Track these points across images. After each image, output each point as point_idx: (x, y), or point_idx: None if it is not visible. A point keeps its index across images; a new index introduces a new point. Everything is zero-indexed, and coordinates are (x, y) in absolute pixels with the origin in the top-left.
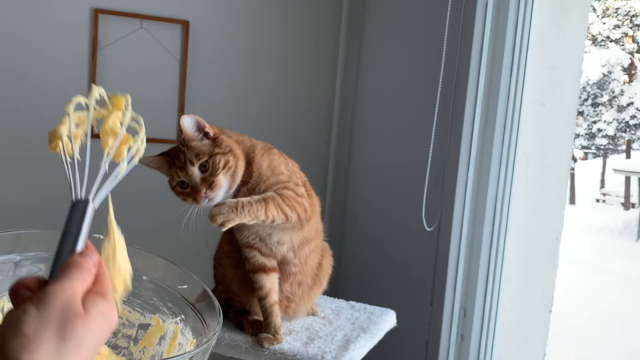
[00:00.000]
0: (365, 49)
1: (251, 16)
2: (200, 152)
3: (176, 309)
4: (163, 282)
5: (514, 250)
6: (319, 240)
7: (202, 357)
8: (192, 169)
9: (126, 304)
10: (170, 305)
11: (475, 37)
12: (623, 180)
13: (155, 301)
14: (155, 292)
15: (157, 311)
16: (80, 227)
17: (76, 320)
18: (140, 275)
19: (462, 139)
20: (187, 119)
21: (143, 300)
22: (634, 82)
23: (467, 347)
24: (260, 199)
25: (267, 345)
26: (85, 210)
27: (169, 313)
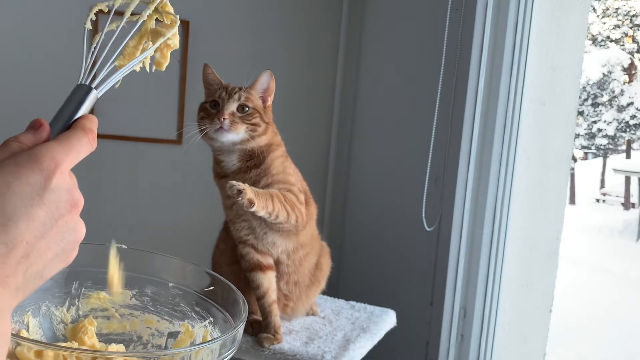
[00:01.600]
0: (365, 49)
1: (251, 16)
2: (251, 99)
3: (204, 312)
4: (189, 286)
5: (514, 250)
6: (314, 245)
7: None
8: (235, 101)
9: (154, 313)
10: (198, 309)
11: (475, 37)
12: (623, 180)
13: (183, 307)
14: (182, 298)
15: (186, 317)
16: (76, 108)
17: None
18: (167, 282)
19: (462, 139)
20: (267, 77)
21: (171, 307)
22: (634, 82)
23: (467, 347)
24: (267, 192)
25: (267, 345)
26: (86, 94)
27: (197, 317)
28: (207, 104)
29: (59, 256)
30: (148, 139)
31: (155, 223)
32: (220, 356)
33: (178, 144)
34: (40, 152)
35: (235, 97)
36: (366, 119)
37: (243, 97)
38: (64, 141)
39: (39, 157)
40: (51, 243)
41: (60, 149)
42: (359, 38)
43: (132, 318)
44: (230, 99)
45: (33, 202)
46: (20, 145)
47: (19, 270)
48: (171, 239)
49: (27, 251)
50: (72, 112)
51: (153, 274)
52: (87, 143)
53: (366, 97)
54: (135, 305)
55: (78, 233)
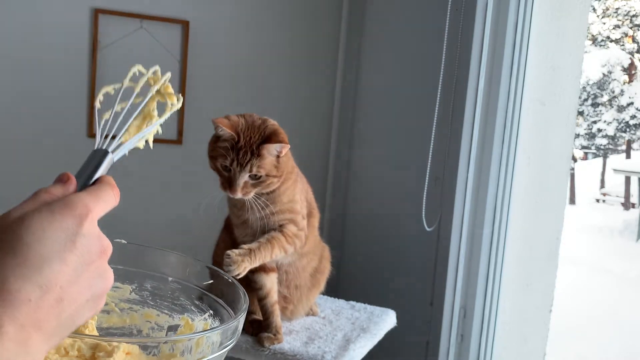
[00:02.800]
0: (365, 49)
1: (251, 16)
2: (263, 166)
3: (204, 305)
4: (189, 280)
5: (514, 250)
6: (315, 251)
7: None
8: (246, 172)
9: (154, 307)
10: (198, 302)
11: (475, 37)
12: (623, 180)
13: (183, 301)
14: (182, 292)
15: (185, 310)
16: (92, 171)
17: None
18: (166, 277)
19: (462, 139)
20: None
21: (170, 302)
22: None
23: (467, 347)
24: (267, 241)
25: (268, 345)
26: (102, 159)
27: (197, 311)
28: (218, 163)
29: (89, 303)
30: None
31: (155, 223)
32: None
33: (178, 144)
34: (73, 200)
35: (246, 168)
36: (366, 119)
37: (254, 169)
38: (94, 192)
39: (72, 204)
40: (82, 288)
41: (90, 197)
42: (359, 38)
43: (131, 312)
44: (242, 170)
45: (66, 247)
46: (50, 196)
47: (52, 315)
48: (171, 239)
49: (60, 295)
50: (91, 172)
51: (152, 269)
52: (113, 196)
53: (366, 98)
54: (135, 300)
55: (107, 280)
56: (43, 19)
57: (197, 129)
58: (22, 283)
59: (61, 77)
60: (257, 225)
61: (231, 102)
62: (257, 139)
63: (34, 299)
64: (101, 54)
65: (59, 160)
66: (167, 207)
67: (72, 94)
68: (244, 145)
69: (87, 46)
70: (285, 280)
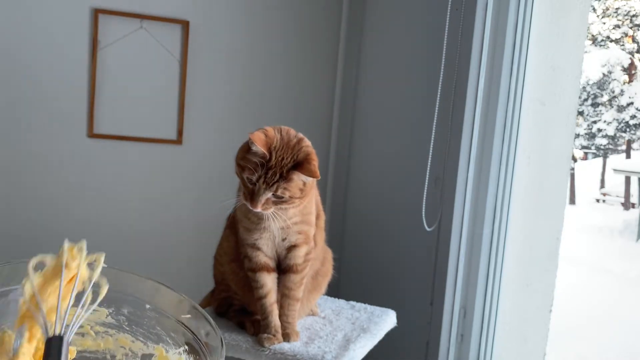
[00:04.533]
0: (365, 48)
1: (251, 16)
2: (289, 189)
3: (179, 338)
4: (166, 311)
5: (514, 250)
6: (318, 254)
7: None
8: (269, 191)
9: (129, 333)
10: (174, 335)
11: (475, 37)
12: (623, 180)
13: (159, 330)
14: (158, 321)
15: (161, 341)
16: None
17: None
18: (143, 303)
19: (462, 139)
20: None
21: (146, 329)
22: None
23: (467, 347)
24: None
25: (267, 344)
26: (60, 345)
27: (172, 343)
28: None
29: None
30: (148, 139)
31: (155, 223)
32: None
33: (178, 144)
34: None
35: (272, 188)
36: (366, 119)
37: (280, 190)
38: None
39: None
40: None
41: None
42: (359, 38)
43: (106, 336)
44: (267, 189)
45: None
46: None
47: None
48: (171, 239)
49: None
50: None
51: (131, 293)
52: None
53: (366, 97)
54: (111, 324)
55: None
56: (43, 19)
57: (197, 129)
58: None
59: (61, 77)
60: (277, 233)
61: (231, 102)
62: (289, 161)
63: None
64: (101, 54)
65: (59, 160)
66: (167, 207)
67: (72, 93)
68: (274, 166)
69: (87, 46)
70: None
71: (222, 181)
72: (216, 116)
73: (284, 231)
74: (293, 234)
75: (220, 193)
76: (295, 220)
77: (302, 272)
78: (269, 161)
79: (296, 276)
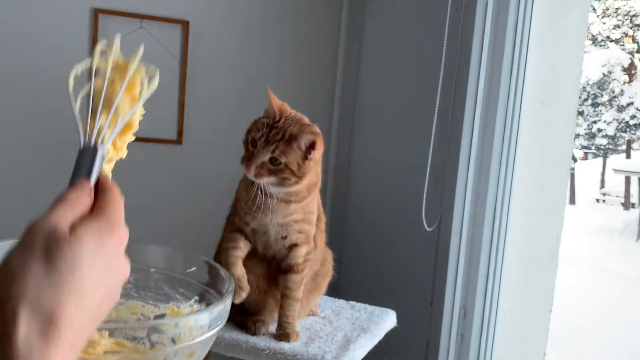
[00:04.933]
0: (365, 48)
1: (251, 16)
2: (287, 154)
3: (189, 292)
4: (171, 270)
5: (514, 250)
6: (318, 255)
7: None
8: (268, 152)
9: (138, 299)
10: (182, 290)
11: (475, 37)
12: (623, 180)
13: (167, 290)
14: (165, 282)
15: (170, 299)
16: (90, 171)
17: (61, 243)
18: (148, 268)
19: (462, 139)
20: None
21: (154, 292)
22: (634, 82)
23: (467, 347)
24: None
25: (237, 300)
26: (94, 156)
27: (182, 298)
28: (250, 136)
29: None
30: (148, 139)
31: (154, 223)
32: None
33: (178, 144)
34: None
35: (270, 148)
36: (366, 119)
37: (278, 151)
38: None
39: (114, 225)
40: (109, 304)
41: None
42: (359, 38)
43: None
44: (264, 149)
45: (109, 269)
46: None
47: (86, 336)
48: (171, 239)
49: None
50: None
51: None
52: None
53: (366, 97)
54: None
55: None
56: (43, 19)
57: (197, 129)
58: (78, 309)
59: (61, 78)
60: (275, 233)
61: (231, 102)
62: (295, 129)
63: (84, 325)
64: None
65: (60, 161)
66: (167, 207)
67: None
68: (280, 128)
69: (87, 46)
70: None
71: (222, 181)
72: (216, 116)
73: (285, 229)
74: (294, 233)
75: (220, 193)
76: (296, 218)
77: (302, 272)
78: (276, 122)
79: (296, 276)
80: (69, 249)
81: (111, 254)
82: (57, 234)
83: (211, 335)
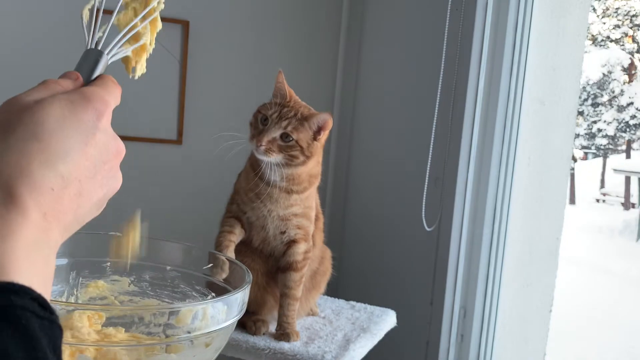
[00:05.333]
0: (365, 49)
1: (251, 16)
2: (299, 131)
3: (205, 289)
4: (188, 267)
5: (514, 250)
6: (316, 253)
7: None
8: (280, 128)
9: (154, 297)
10: (199, 287)
11: (475, 37)
12: (623, 180)
13: (183, 288)
14: (181, 279)
15: (187, 297)
16: (91, 70)
17: (21, 112)
18: (164, 266)
19: (462, 139)
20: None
21: (171, 290)
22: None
23: (467, 347)
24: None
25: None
26: (98, 58)
27: (199, 296)
28: (260, 114)
29: (99, 203)
30: (148, 139)
31: (154, 223)
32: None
33: (178, 144)
34: (92, 93)
35: (283, 124)
36: (366, 119)
37: (290, 127)
38: (105, 87)
39: (92, 97)
40: (98, 186)
41: (105, 92)
42: (359, 38)
43: (132, 304)
44: (277, 124)
45: (87, 140)
46: (62, 88)
47: (71, 208)
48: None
49: (79, 190)
50: (90, 71)
51: (149, 260)
52: (119, 93)
53: (366, 97)
54: (134, 292)
55: (117, 182)
56: (43, 19)
57: (197, 129)
58: (46, 170)
59: None
60: (274, 227)
61: (231, 102)
62: (306, 111)
63: (56, 189)
64: None
65: None
66: (167, 207)
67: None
68: (292, 107)
69: None
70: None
71: (222, 181)
72: (216, 116)
73: (284, 223)
74: (292, 228)
75: (220, 193)
76: (295, 211)
77: (301, 270)
78: (288, 102)
79: (296, 274)
80: (30, 115)
81: (88, 124)
82: (19, 104)
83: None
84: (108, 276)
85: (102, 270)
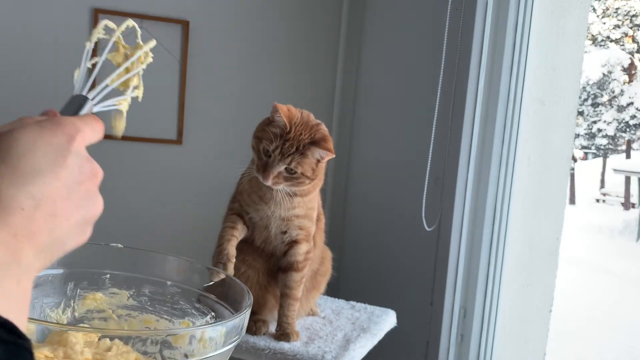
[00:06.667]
0: (365, 49)
1: (251, 16)
2: (302, 165)
3: (205, 308)
4: (188, 283)
5: (514, 250)
6: (316, 253)
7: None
8: (285, 164)
9: (153, 312)
10: (199, 305)
11: (475, 37)
12: (623, 180)
13: (183, 305)
14: (181, 296)
15: (186, 314)
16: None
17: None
18: (165, 281)
19: (462, 139)
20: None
21: (170, 306)
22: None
23: (467, 347)
24: (294, 301)
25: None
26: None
27: (198, 314)
28: (261, 144)
29: (79, 226)
30: (148, 139)
31: (155, 223)
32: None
33: (178, 144)
34: (62, 120)
35: (287, 160)
36: (366, 119)
37: (294, 163)
38: (81, 118)
39: (62, 122)
40: (74, 207)
41: (79, 121)
42: (359, 38)
43: (130, 319)
44: (281, 161)
45: (57, 161)
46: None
47: (45, 229)
48: (171, 240)
49: (53, 210)
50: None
51: (150, 273)
52: (100, 128)
53: (366, 98)
54: (133, 306)
55: (97, 206)
56: (43, 19)
57: (197, 129)
58: (15, 191)
59: (61, 78)
60: (275, 227)
61: (231, 102)
62: (306, 137)
63: (27, 209)
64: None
65: None
66: (167, 207)
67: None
68: (292, 139)
69: None
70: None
71: (222, 181)
72: (216, 116)
73: (286, 224)
74: (294, 228)
75: (220, 193)
76: (297, 213)
77: (302, 270)
78: (288, 133)
79: (297, 274)
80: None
81: (58, 147)
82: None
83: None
84: (107, 288)
85: (101, 282)
